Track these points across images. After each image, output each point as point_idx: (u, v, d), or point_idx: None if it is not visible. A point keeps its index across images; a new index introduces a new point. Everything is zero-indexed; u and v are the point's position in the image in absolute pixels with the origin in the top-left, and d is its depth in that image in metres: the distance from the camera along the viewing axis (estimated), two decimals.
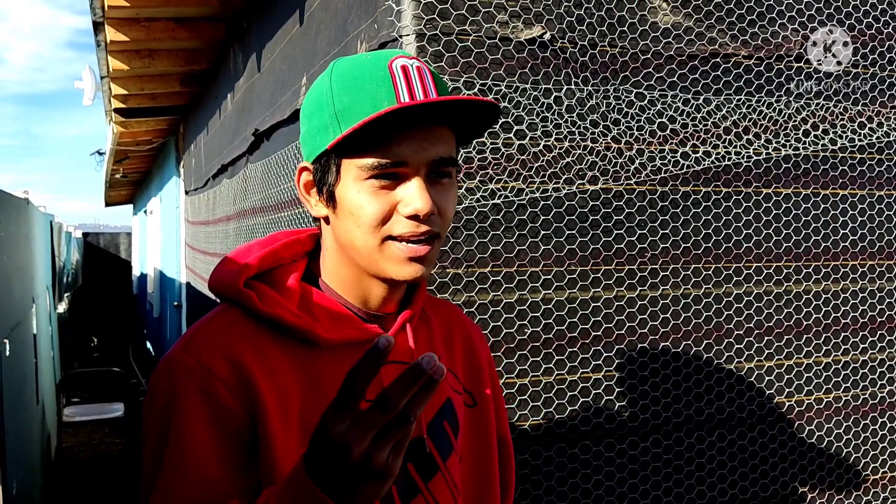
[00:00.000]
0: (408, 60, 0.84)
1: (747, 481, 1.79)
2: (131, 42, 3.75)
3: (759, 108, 1.81)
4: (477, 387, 1.03)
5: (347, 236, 0.86)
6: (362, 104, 0.81)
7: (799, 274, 1.85)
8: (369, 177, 0.82)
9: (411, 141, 0.81)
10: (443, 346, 1.01)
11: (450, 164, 0.85)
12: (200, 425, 0.80)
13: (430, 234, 0.84)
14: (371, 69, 0.83)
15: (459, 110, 0.83)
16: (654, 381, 1.70)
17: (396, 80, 0.82)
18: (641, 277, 1.70)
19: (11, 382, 3.37)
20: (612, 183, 1.67)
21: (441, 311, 1.06)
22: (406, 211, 0.82)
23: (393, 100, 0.81)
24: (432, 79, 0.85)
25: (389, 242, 0.84)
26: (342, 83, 0.83)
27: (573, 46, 1.64)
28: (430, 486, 0.91)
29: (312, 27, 2.26)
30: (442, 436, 0.94)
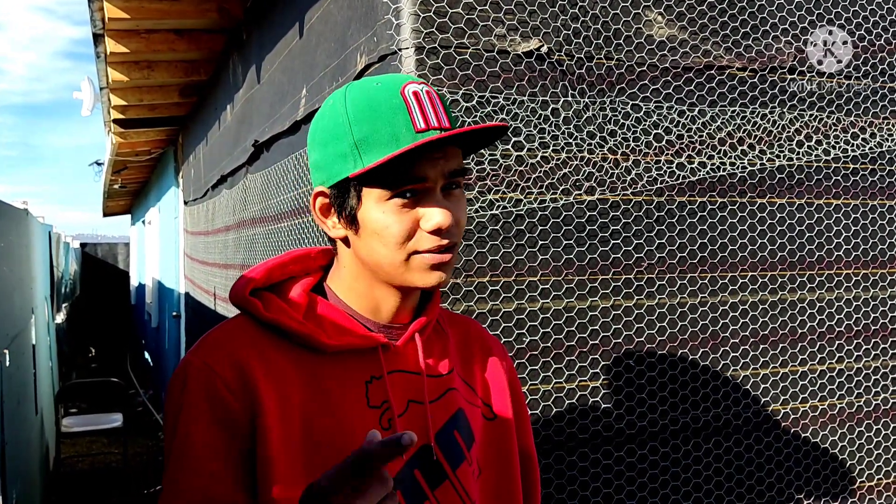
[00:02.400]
0: (418, 86, 0.88)
1: (743, 488, 1.80)
2: (131, 53, 3.77)
3: (754, 119, 1.83)
4: (496, 400, 1.04)
5: (373, 255, 0.90)
6: (381, 134, 0.86)
7: (793, 283, 1.87)
8: (391, 197, 0.87)
9: (429, 162, 0.86)
10: (459, 359, 1.03)
11: (461, 175, 0.90)
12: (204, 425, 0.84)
13: (450, 245, 0.89)
14: (386, 97, 0.87)
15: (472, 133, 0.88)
16: (651, 389, 1.72)
17: (411, 108, 0.86)
18: (638, 287, 1.72)
19: (11, 393, 3.38)
20: (608, 193, 1.70)
21: (459, 325, 1.09)
22: (429, 226, 0.87)
23: (410, 127, 0.86)
24: (440, 101, 0.89)
25: (416, 256, 0.88)
26: (359, 112, 0.87)
27: (570, 59, 1.67)
28: (438, 493, 0.93)
29: (312, 39, 2.29)
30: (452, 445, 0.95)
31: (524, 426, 1.11)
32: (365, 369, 0.92)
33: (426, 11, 1.54)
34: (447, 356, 1.00)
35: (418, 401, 0.94)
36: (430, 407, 0.94)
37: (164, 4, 3.35)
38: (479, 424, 1.01)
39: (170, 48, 3.77)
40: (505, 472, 1.02)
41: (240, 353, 0.88)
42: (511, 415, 1.05)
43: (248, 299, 0.91)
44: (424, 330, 0.98)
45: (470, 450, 0.97)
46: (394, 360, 0.94)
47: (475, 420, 1.00)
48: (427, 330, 0.98)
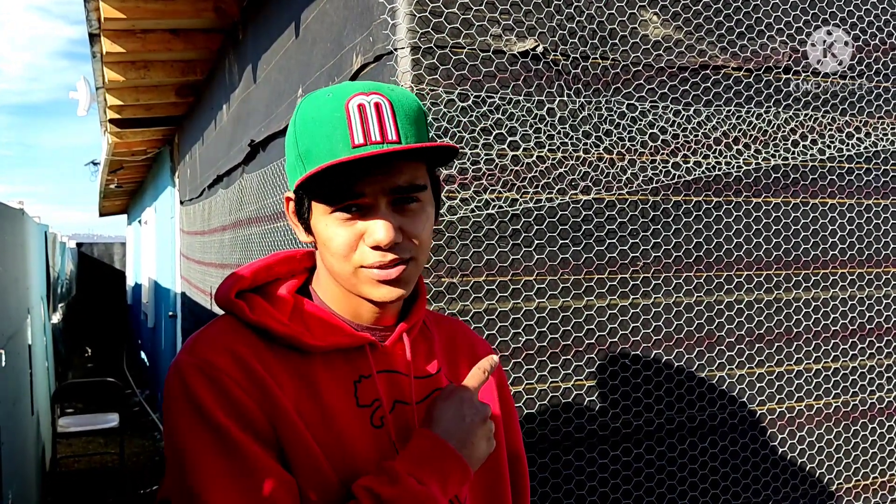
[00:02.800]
0: (366, 98, 0.86)
1: (739, 487, 1.81)
2: (127, 53, 3.77)
3: (749, 119, 1.84)
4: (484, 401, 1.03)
5: (328, 263, 0.91)
6: (319, 148, 0.85)
7: (789, 282, 1.88)
8: (333, 210, 0.87)
9: (367, 177, 0.85)
10: (445, 360, 1.03)
11: (414, 191, 0.88)
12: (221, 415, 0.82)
13: (398, 261, 0.87)
14: (329, 110, 0.86)
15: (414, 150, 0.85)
16: (647, 388, 1.73)
17: (351, 122, 0.85)
18: (634, 286, 1.72)
19: (7, 393, 3.37)
20: (604, 193, 1.70)
21: (445, 326, 1.08)
22: (369, 241, 0.86)
23: (347, 143, 0.84)
24: (392, 113, 0.86)
25: (360, 269, 0.88)
26: (303, 126, 0.88)
27: (566, 59, 1.67)
28: None
29: (308, 39, 2.29)
30: None
31: (512, 426, 1.11)
32: (353, 369, 0.92)
33: (422, 11, 1.55)
34: (434, 357, 1.01)
35: (404, 401, 0.94)
36: (417, 408, 0.94)
37: (160, 4, 3.35)
38: None
39: (166, 48, 3.76)
40: (493, 472, 1.02)
41: (237, 348, 0.87)
42: (499, 416, 1.05)
43: (233, 301, 0.91)
44: (411, 331, 0.97)
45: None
46: (381, 359, 0.94)
47: None
48: (414, 331, 0.98)
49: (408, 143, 0.86)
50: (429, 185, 0.91)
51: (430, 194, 0.92)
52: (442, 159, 0.92)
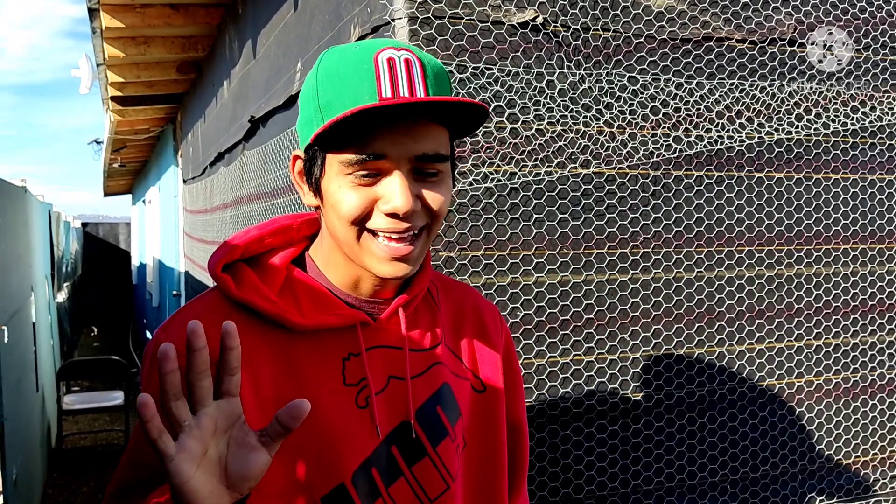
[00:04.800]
0: (396, 52, 0.81)
1: (738, 462, 1.80)
2: (127, 28, 3.74)
3: (752, 92, 1.81)
4: (487, 371, 1.01)
5: (332, 228, 0.86)
6: (343, 99, 0.80)
7: (791, 258, 1.86)
8: (350, 172, 0.81)
9: (391, 137, 0.80)
10: (450, 329, 1.00)
11: (437, 161, 0.83)
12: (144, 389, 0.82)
13: (411, 230, 0.83)
14: (356, 62, 0.81)
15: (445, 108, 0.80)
16: (646, 364, 1.72)
17: (380, 74, 0.80)
18: (634, 261, 1.71)
19: (10, 369, 3.39)
20: (604, 167, 1.68)
21: (454, 294, 1.04)
22: (385, 208, 0.81)
23: (374, 95, 0.79)
24: (422, 70, 0.82)
25: (368, 237, 0.83)
26: (327, 76, 0.82)
27: (566, 30, 1.64)
28: (415, 469, 0.91)
29: (307, 12, 2.26)
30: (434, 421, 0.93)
31: (516, 397, 1.07)
32: (342, 346, 0.89)
33: None
34: (436, 328, 0.97)
35: (399, 376, 0.91)
36: (411, 383, 0.92)
37: None
38: (468, 397, 0.98)
39: (166, 22, 3.73)
40: (491, 444, 1.00)
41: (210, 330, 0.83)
42: (501, 386, 1.02)
43: (218, 276, 0.88)
44: (409, 305, 0.94)
45: (454, 425, 0.95)
46: (374, 335, 0.91)
47: (462, 393, 0.98)
48: (412, 305, 0.94)
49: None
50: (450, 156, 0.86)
51: (449, 167, 0.87)
52: (465, 128, 0.86)
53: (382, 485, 0.89)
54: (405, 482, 0.90)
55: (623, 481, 1.70)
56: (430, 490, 0.91)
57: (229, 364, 0.71)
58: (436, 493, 0.91)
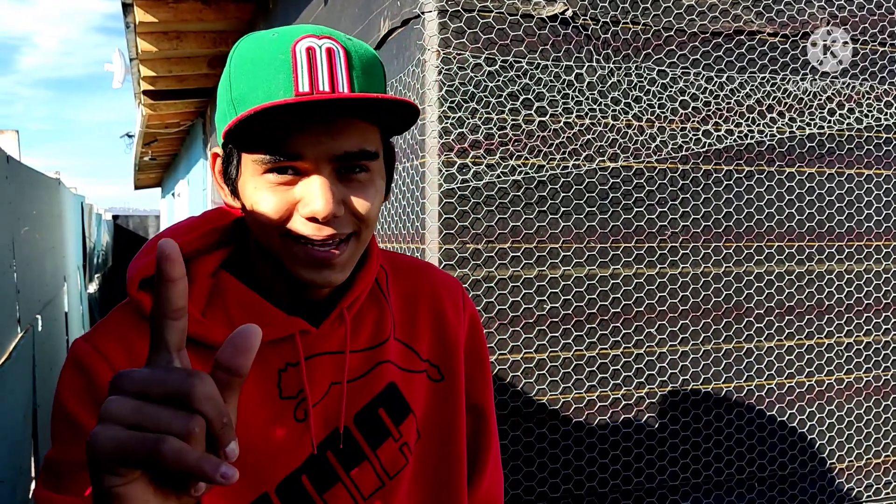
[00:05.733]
0: (317, 41, 0.74)
1: (765, 459, 1.79)
2: (160, 23, 3.79)
3: (784, 87, 1.79)
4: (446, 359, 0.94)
5: (254, 232, 0.79)
6: (257, 93, 0.73)
7: (821, 254, 1.84)
8: (265, 171, 0.74)
9: (308, 135, 0.72)
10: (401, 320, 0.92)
11: (362, 158, 0.75)
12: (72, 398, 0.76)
13: (336, 237, 0.75)
14: (272, 52, 0.74)
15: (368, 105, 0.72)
16: (673, 358, 1.71)
17: (297, 66, 0.72)
18: (661, 255, 1.70)
19: (43, 358, 3.46)
20: (632, 160, 1.68)
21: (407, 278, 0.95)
22: (304, 212, 0.74)
23: (290, 89, 0.72)
24: (346, 61, 0.74)
25: (290, 242, 0.75)
26: (240, 67, 0.75)
27: (595, 23, 1.64)
28: (354, 474, 0.85)
29: (337, 6, 2.28)
30: (374, 423, 0.88)
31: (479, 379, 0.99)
32: (279, 356, 0.81)
33: None
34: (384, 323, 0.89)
35: (339, 381, 0.85)
36: (349, 387, 0.85)
37: None
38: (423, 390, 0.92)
39: (197, 17, 3.78)
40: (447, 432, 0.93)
41: (133, 340, 0.77)
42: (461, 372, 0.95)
43: (135, 297, 0.78)
44: (353, 305, 0.86)
45: (400, 424, 0.89)
46: (315, 342, 0.83)
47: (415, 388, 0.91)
48: (356, 304, 0.86)
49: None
50: (381, 153, 0.78)
51: (382, 164, 0.79)
52: (399, 125, 0.77)
53: (315, 492, 0.84)
54: (342, 487, 0.85)
55: (648, 476, 1.69)
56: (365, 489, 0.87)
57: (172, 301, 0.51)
58: (369, 490, 0.87)
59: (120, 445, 0.48)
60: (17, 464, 2.57)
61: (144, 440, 0.48)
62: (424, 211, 1.57)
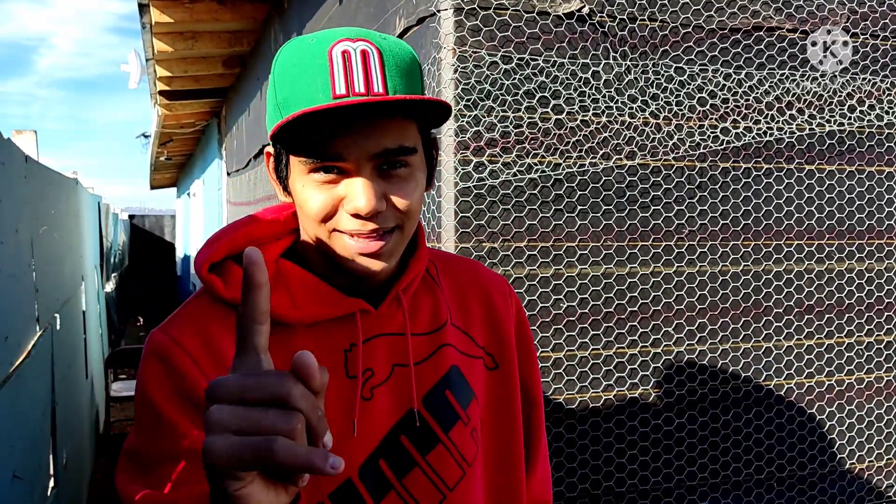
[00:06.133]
0: (352, 44, 0.77)
1: (784, 459, 1.77)
2: (175, 23, 3.81)
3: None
4: (500, 348, 0.98)
5: (304, 226, 0.84)
6: (298, 96, 0.77)
7: (842, 252, 1.82)
8: (310, 171, 0.78)
9: (348, 136, 0.76)
10: (455, 308, 0.96)
11: (402, 154, 0.79)
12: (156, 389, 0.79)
13: (379, 231, 0.79)
14: (310, 56, 0.78)
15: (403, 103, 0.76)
16: (691, 357, 1.70)
17: (334, 69, 0.76)
18: (679, 254, 1.69)
19: (62, 356, 3.49)
20: (649, 158, 1.66)
21: (456, 271, 1.00)
22: (348, 208, 0.78)
23: (328, 92, 0.76)
24: (380, 62, 0.77)
25: (337, 234, 0.80)
26: (283, 71, 0.80)
27: (612, 20, 1.63)
28: (430, 458, 0.88)
29: (352, 5, 2.28)
30: (443, 406, 0.90)
31: (530, 369, 1.03)
32: (344, 337, 0.85)
33: None
34: (440, 309, 0.93)
35: (403, 364, 0.88)
36: (415, 369, 0.88)
37: None
38: (481, 376, 0.95)
39: (213, 17, 3.79)
40: (507, 423, 0.96)
41: (209, 329, 0.82)
42: (515, 361, 0.98)
43: (204, 278, 0.84)
44: (408, 289, 0.90)
45: (467, 408, 0.92)
46: (375, 323, 0.87)
47: (475, 374, 0.94)
48: (411, 288, 0.91)
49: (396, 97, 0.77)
50: (420, 147, 0.82)
51: (422, 158, 0.83)
52: (436, 119, 0.82)
53: (394, 477, 0.86)
54: (420, 472, 0.87)
55: (666, 476, 1.68)
56: (447, 478, 0.88)
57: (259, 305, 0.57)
58: (453, 480, 0.89)
59: (236, 452, 0.53)
60: (36, 462, 2.59)
61: (257, 444, 0.52)
62: (440, 209, 1.56)
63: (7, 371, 2.11)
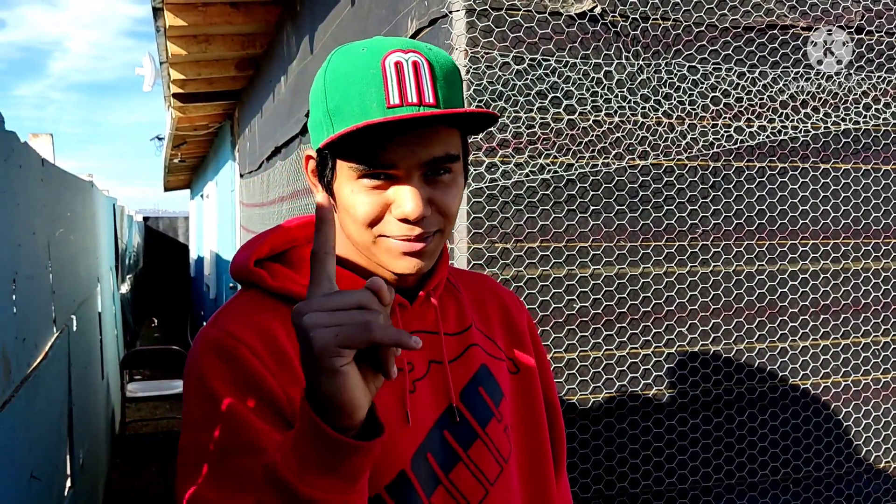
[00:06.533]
0: (404, 55, 0.80)
1: (800, 460, 1.76)
2: (189, 27, 3.83)
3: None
4: (518, 354, 1.02)
5: (347, 230, 0.86)
6: (351, 105, 0.80)
7: (857, 252, 1.81)
8: (360, 176, 0.81)
9: (400, 146, 0.79)
10: (476, 314, 1.00)
11: (448, 161, 0.82)
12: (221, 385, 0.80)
13: (424, 235, 0.83)
14: (363, 67, 0.80)
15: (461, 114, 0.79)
16: (705, 358, 1.69)
17: (388, 80, 0.79)
18: (692, 254, 1.68)
19: (78, 357, 3.52)
20: (662, 158, 1.66)
21: (470, 282, 1.05)
22: (397, 213, 0.81)
23: (382, 102, 0.78)
24: (430, 73, 0.81)
25: (382, 239, 0.83)
26: (334, 80, 0.82)
27: (624, 20, 1.62)
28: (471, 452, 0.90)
29: (364, 7, 2.29)
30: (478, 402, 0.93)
31: (547, 379, 1.07)
32: None
33: None
34: (464, 312, 0.97)
35: (438, 360, 0.91)
36: (449, 366, 0.92)
37: None
38: (506, 377, 0.98)
39: (226, 21, 3.81)
40: (534, 425, 0.99)
41: (260, 320, 0.84)
42: (534, 366, 1.02)
43: (252, 271, 0.87)
44: (437, 290, 0.94)
45: (498, 405, 0.95)
46: (410, 320, 0.91)
47: (501, 375, 0.97)
48: (439, 289, 0.94)
49: (445, 108, 0.80)
50: (461, 154, 0.86)
51: (462, 164, 0.87)
52: (477, 126, 0.85)
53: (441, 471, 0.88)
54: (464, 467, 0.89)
55: (680, 477, 1.68)
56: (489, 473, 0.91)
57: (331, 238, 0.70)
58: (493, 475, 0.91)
59: (340, 332, 0.63)
60: (53, 462, 2.62)
61: (358, 323, 0.63)
62: None
63: (25, 372, 2.13)
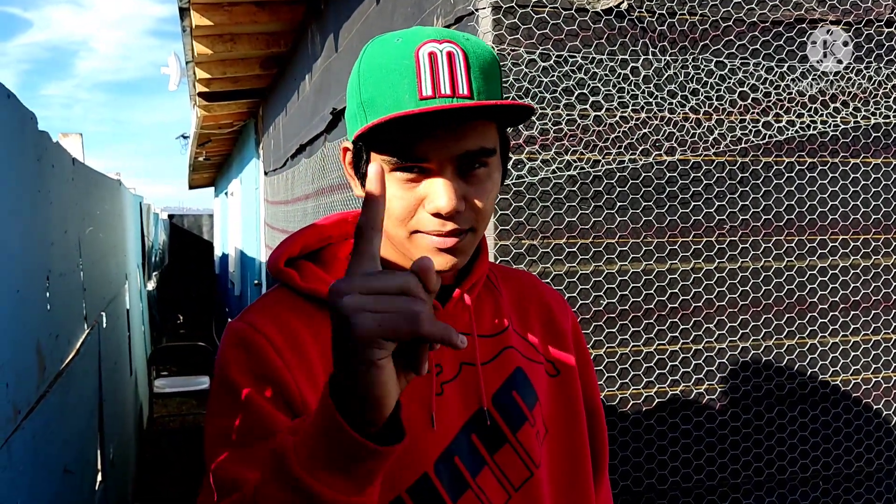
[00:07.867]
0: (438, 45, 0.78)
1: (830, 458, 1.75)
2: (215, 26, 3.87)
3: (847, 76, 1.74)
4: (559, 355, 0.99)
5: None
6: (385, 96, 0.78)
7: (888, 247, 1.79)
8: (393, 169, 0.80)
9: (433, 139, 0.77)
10: (515, 315, 0.98)
11: (483, 155, 0.80)
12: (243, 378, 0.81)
13: (457, 231, 0.81)
14: (397, 57, 0.79)
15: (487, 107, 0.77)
16: (733, 354, 1.68)
17: (420, 71, 0.77)
18: (720, 250, 1.68)
19: (108, 353, 3.58)
20: (689, 154, 1.65)
21: (513, 280, 1.03)
22: (429, 207, 0.80)
23: (414, 94, 0.77)
24: (465, 64, 0.78)
25: (417, 235, 0.82)
26: (369, 71, 0.81)
27: (651, 15, 1.62)
28: (497, 457, 0.89)
29: (389, 5, 2.30)
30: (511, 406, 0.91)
31: (590, 381, 1.04)
32: None
33: None
34: (501, 313, 0.95)
35: (470, 363, 0.90)
36: (482, 369, 0.90)
37: None
38: (543, 382, 0.96)
39: (251, 20, 3.85)
40: (572, 429, 0.97)
41: (287, 318, 0.85)
42: (575, 370, 0.99)
43: (282, 270, 0.88)
44: (473, 289, 0.92)
45: (532, 410, 0.93)
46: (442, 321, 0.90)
47: (538, 378, 0.95)
48: (476, 289, 0.93)
49: (480, 100, 0.78)
50: (498, 147, 0.83)
51: (499, 158, 0.84)
52: (514, 118, 0.83)
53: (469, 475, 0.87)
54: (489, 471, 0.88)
55: (709, 474, 1.67)
56: (514, 478, 0.89)
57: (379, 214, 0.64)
58: (519, 480, 0.90)
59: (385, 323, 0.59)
60: (85, 456, 2.66)
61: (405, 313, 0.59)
62: None
63: (58, 368, 2.18)
